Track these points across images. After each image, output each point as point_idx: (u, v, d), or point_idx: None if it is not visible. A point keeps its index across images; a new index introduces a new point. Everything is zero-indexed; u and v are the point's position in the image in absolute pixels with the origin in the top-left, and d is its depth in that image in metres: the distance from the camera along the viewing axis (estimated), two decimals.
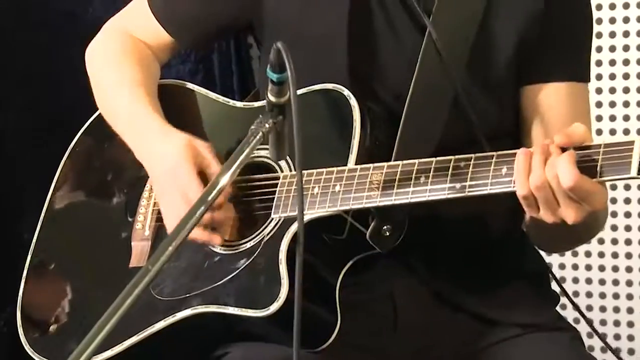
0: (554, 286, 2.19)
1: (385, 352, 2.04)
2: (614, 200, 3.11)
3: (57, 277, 2.21)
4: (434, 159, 1.85)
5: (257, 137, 1.75)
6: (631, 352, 3.13)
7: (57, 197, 2.27)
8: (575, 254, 3.16)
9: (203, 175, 1.98)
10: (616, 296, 3.14)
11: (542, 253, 2.18)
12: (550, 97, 2.07)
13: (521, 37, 2.03)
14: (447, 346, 2.05)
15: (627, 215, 3.11)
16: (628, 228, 3.12)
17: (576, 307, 2.14)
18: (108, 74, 2.20)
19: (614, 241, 3.13)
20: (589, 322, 2.12)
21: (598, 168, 1.72)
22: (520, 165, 1.75)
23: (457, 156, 1.83)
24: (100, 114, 2.23)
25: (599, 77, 3.06)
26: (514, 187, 1.76)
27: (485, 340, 2.05)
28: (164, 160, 2.02)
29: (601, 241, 3.14)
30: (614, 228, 3.12)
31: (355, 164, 1.92)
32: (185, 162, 1.98)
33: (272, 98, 1.76)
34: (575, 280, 3.19)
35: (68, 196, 2.27)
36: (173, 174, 1.99)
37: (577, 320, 2.28)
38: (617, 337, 3.15)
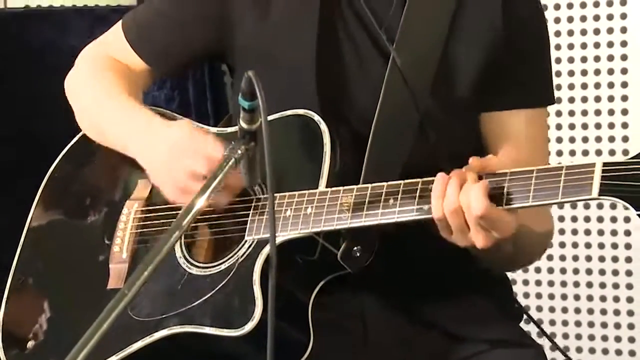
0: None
1: None
2: (574, 219, 3.10)
3: (38, 297, 2.18)
4: (402, 182, 1.84)
5: (230, 163, 1.75)
6: None
7: (37, 220, 2.24)
8: (538, 270, 3.16)
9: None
10: (577, 310, 3.13)
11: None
12: (509, 124, 2.07)
13: (483, 62, 2.03)
14: None
15: (587, 232, 3.11)
16: (588, 245, 3.11)
17: (539, 328, 2.16)
18: (91, 89, 2.17)
19: (575, 258, 3.12)
20: (551, 339, 2.11)
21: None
22: (436, 190, 1.78)
23: (424, 179, 1.82)
24: (79, 139, 2.21)
25: (558, 100, 3.05)
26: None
27: (454, 356, 2.03)
28: (174, 134, 1.98)
29: (563, 258, 3.13)
30: (575, 245, 3.12)
31: (326, 187, 1.91)
32: (200, 131, 1.96)
33: (244, 125, 1.76)
34: (539, 296, 3.18)
35: (47, 219, 2.24)
36: (189, 137, 1.95)
37: (540, 334, 2.28)
38: (579, 350, 3.14)
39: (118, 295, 1.60)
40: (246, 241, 1.96)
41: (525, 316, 2.20)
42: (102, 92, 2.13)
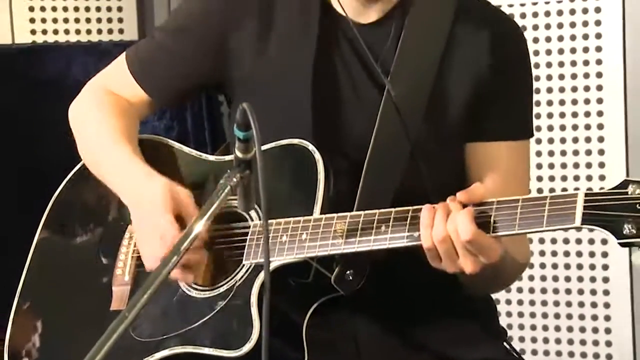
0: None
1: None
2: (554, 241, 3.09)
3: (43, 317, 2.16)
4: (393, 210, 1.84)
5: (226, 190, 1.75)
6: None
7: (42, 242, 2.22)
8: (520, 290, 3.14)
9: (181, 220, 1.93)
10: (557, 329, 3.12)
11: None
12: (492, 154, 2.06)
13: (471, 96, 2.02)
14: None
15: (566, 254, 3.10)
16: (567, 266, 3.11)
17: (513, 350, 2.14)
18: (91, 125, 2.16)
19: (555, 278, 3.11)
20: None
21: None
22: (424, 220, 1.79)
23: (414, 207, 1.82)
24: (82, 165, 2.20)
25: (538, 128, 3.05)
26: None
27: None
28: (145, 203, 1.98)
29: (543, 278, 3.12)
30: (555, 266, 3.11)
31: (320, 213, 1.90)
32: (164, 207, 1.94)
33: (239, 154, 1.75)
34: (521, 314, 3.17)
35: (52, 242, 2.22)
36: (153, 217, 1.95)
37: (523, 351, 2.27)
38: None
39: (120, 317, 1.61)
40: (244, 265, 1.95)
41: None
42: (103, 136, 2.11)
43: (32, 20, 3.33)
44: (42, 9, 3.35)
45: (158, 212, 1.93)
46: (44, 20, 3.35)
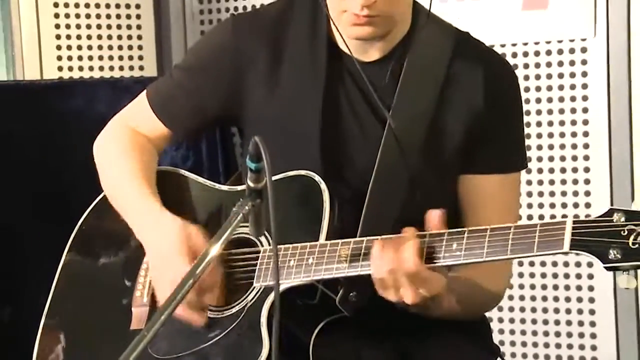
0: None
1: None
2: (543, 264, 3.08)
3: (68, 335, 2.15)
4: (392, 236, 1.83)
5: (238, 217, 1.75)
6: None
7: (68, 265, 2.22)
8: (511, 309, 3.13)
9: (193, 255, 1.92)
10: (546, 345, 3.10)
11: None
12: (485, 186, 2.05)
13: (465, 130, 2.02)
14: None
15: (554, 275, 3.09)
16: (555, 287, 3.09)
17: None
18: (113, 164, 2.16)
19: (544, 298, 3.10)
20: None
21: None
22: (375, 252, 1.79)
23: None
24: (104, 196, 2.19)
25: (528, 159, 3.02)
26: (464, 259, 1.76)
27: None
28: (160, 245, 1.98)
29: (533, 298, 3.11)
30: (544, 287, 3.09)
31: (326, 239, 1.90)
32: (179, 250, 1.93)
33: (250, 184, 1.75)
34: (512, 332, 3.15)
35: (77, 264, 2.21)
36: (167, 259, 1.95)
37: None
38: None
39: (139, 336, 1.61)
40: (254, 287, 1.94)
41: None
42: (122, 174, 2.11)
43: (60, 58, 3.33)
44: (69, 47, 3.35)
45: (174, 256, 1.93)
46: (70, 58, 3.35)
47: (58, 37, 3.33)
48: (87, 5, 3.37)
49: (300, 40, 2.06)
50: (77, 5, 3.35)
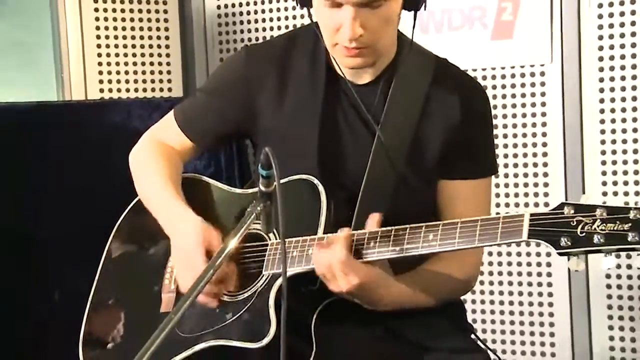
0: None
1: None
2: (509, 254, 3.07)
3: (109, 317, 2.15)
4: (379, 229, 1.84)
5: (252, 216, 1.76)
6: None
7: (110, 255, 2.23)
8: (482, 292, 3.12)
9: (210, 252, 1.93)
10: (512, 322, 3.10)
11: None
12: (460, 190, 2.05)
13: (443, 142, 2.02)
14: None
15: (519, 264, 3.08)
16: (519, 273, 3.09)
17: (484, 345, 2.08)
18: (145, 170, 2.16)
19: (510, 282, 3.09)
20: (488, 347, 2.07)
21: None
22: (315, 252, 1.82)
23: (395, 227, 1.82)
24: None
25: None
26: (439, 247, 1.76)
27: None
28: (183, 238, 1.97)
29: (501, 283, 3.10)
30: (510, 273, 3.08)
31: (323, 233, 1.89)
32: (198, 244, 1.93)
33: (262, 188, 1.76)
34: (483, 311, 3.14)
35: (118, 255, 2.22)
36: (188, 251, 1.94)
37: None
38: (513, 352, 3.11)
39: (167, 318, 1.62)
40: (263, 275, 1.94)
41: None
42: (153, 180, 2.11)
43: (101, 82, 3.33)
44: (109, 72, 3.35)
45: (193, 250, 1.93)
46: (110, 81, 3.35)
47: (100, 64, 3.32)
48: (124, 38, 3.37)
49: (303, 67, 2.06)
50: (116, 37, 3.35)
